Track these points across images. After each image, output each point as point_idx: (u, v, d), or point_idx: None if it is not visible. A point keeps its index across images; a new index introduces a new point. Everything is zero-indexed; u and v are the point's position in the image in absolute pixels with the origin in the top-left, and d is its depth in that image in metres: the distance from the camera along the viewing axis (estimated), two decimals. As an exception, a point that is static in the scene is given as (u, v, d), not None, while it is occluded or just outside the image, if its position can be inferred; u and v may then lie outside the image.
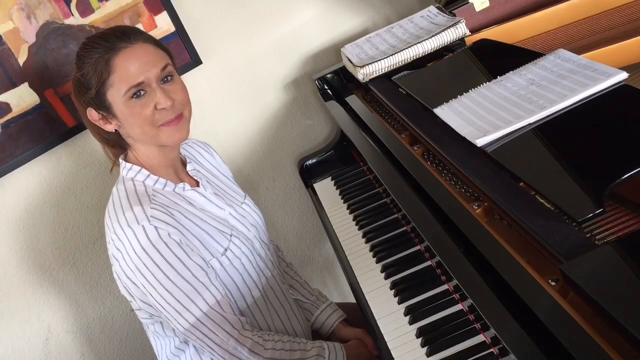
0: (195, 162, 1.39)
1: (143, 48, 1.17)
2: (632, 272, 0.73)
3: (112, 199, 1.22)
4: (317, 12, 1.87)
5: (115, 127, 1.22)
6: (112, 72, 1.15)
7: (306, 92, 1.94)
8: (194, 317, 1.16)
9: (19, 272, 1.72)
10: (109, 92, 1.17)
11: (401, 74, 1.54)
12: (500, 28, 1.55)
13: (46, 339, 1.79)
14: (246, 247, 1.29)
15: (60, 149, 1.68)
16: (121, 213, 1.16)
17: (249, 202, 1.42)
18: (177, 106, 1.19)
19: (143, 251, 1.13)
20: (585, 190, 0.87)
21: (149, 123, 1.17)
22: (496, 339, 0.98)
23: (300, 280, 1.53)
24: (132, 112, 1.17)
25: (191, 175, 1.33)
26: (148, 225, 1.13)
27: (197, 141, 1.48)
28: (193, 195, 1.27)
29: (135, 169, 1.23)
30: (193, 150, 1.44)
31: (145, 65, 1.16)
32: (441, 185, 1.13)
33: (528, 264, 0.86)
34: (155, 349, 1.36)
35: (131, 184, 1.22)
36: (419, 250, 1.29)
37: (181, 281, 1.14)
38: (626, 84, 1.03)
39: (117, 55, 1.15)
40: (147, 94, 1.17)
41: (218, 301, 1.17)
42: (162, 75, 1.19)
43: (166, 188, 1.23)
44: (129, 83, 1.15)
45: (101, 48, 1.15)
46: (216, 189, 1.36)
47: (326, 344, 1.30)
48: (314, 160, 1.87)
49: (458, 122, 1.15)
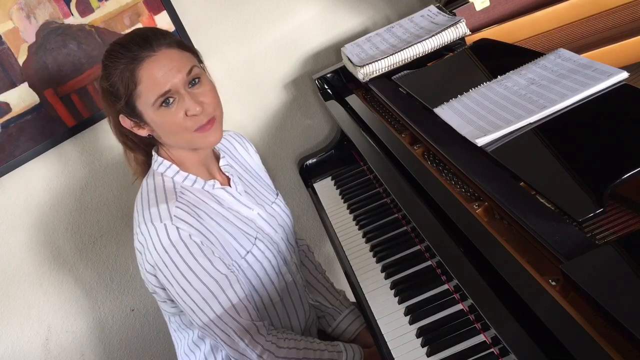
0: (229, 157, 1.37)
1: (167, 55, 1.14)
2: (632, 272, 0.73)
3: (141, 191, 1.22)
4: (317, 12, 1.87)
5: (148, 132, 1.21)
6: (138, 83, 1.13)
7: (306, 92, 1.94)
8: (208, 318, 1.17)
9: (19, 272, 1.72)
10: (137, 102, 1.15)
11: (401, 73, 1.53)
12: (501, 27, 1.55)
13: (46, 339, 1.79)
14: (270, 251, 1.28)
15: (60, 149, 1.68)
16: (147, 208, 1.16)
17: (280, 202, 1.41)
18: (207, 110, 1.17)
19: (163, 250, 1.13)
20: (586, 190, 0.87)
21: (181, 129, 1.16)
22: (496, 339, 0.98)
23: (327, 284, 1.52)
24: (164, 121, 1.15)
25: (223, 171, 1.31)
26: (170, 224, 1.13)
27: (233, 133, 1.46)
28: (222, 194, 1.26)
29: (166, 164, 1.22)
30: (228, 144, 1.42)
31: (170, 72, 1.13)
32: (441, 185, 1.13)
33: (528, 264, 0.86)
34: (175, 342, 1.38)
35: (160, 179, 1.22)
36: (419, 250, 1.29)
37: (198, 283, 1.14)
38: (626, 83, 1.03)
39: (141, 66, 1.12)
40: (176, 101, 1.15)
41: (234, 305, 1.17)
42: (189, 79, 1.16)
43: (195, 185, 1.23)
44: (156, 93, 1.13)
45: (125, 58, 1.13)
46: (247, 187, 1.35)
47: (343, 345, 1.30)
48: (314, 160, 1.87)
49: (458, 121, 1.15)
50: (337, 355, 1.27)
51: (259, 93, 1.89)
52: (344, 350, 1.28)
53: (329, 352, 1.27)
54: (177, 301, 1.18)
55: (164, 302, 1.26)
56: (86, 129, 1.69)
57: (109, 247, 1.81)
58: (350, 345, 1.31)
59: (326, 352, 1.27)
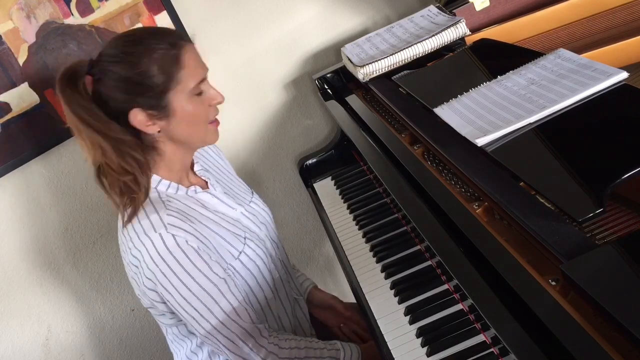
0: (202, 161, 1.38)
1: (193, 46, 1.18)
2: (632, 272, 0.73)
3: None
4: (317, 12, 1.87)
5: (159, 128, 1.15)
6: (181, 67, 1.12)
7: (306, 92, 1.94)
8: (210, 325, 1.16)
9: (19, 272, 1.72)
10: (174, 89, 1.12)
11: (401, 73, 1.54)
12: (501, 27, 1.55)
13: (46, 339, 1.79)
14: (260, 249, 1.29)
15: (60, 148, 1.68)
16: (137, 222, 1.13)
17: (256, 200, 1.42)
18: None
19: (161, 259, 1.11)
20: (586, 190, 0.87)
21: (204, 120, 1.19)
22: (496, 339, 0.98)
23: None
24: (195, 109, 1.16)
25: (199, 175, 1.31)
26: (165, 232, 1.11)
27: None
28: (205, 197, 1.26)
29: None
30: (201, 149, 1.42)
31: (201, 61, 1.18)
32: (441, 185, 1.13)
33: (528, 264, 0.86)
34: (173, 353, 1.38)
35: None
36: (419, 250, 1.29)
37: (199, 290, 1.13)
38: (626, 83, 1.03)
39: (184, 51, 1.13)
40: (204, 92, 1.17)
41: (235, 309, 1.17)
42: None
43: (179, 192, 1.22)
44: (198, 78, 1.14)
45: (163, 44, 1.11)
46: (225, 188, 1.35)
47: (341, 343, 1.31)
48: (314, 160, 1.87)
49: (458, 121, 1.15)
50: (336, 353, 1.28)
51: (259, 93, 1.90)
52: (341, 349, 1.29)
53: (328, 350, 1.28)
54: (178, 312, 1.16)
55: (162, 315, 1.24)
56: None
57: (109, 247, 1.81)
58: (348, 344, 1.32)
59: (325, 350, 1.28)
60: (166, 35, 1.15)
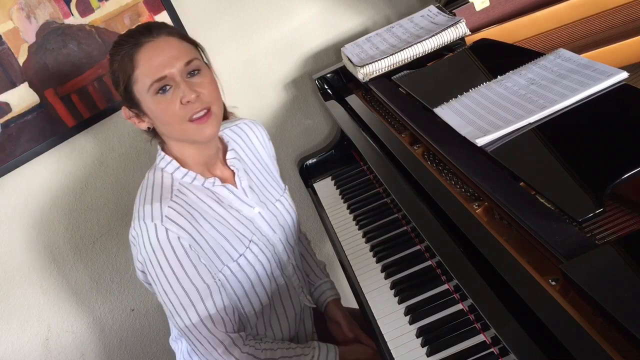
0: (239, 148, 1.35)
1: (166, 41, 1.14)
2: (632, 272, 0.73)
3: (142, 184, 1.22)
4: (317, 12, 1.87)
5: (148, 125, 1.21)
6: (135, 67, 1.13)
7: (306, 92, 1.94)
8: (183, 323, 1.17)
9: (19, 272, 1.72)
10: (135, 88, 1.15)
11: (401, 73, 1.54)
12: (501, 28, 1.55)
13: (46, 339, 1.79)
14: (264, 254, 1.27)
15: (60, 149, 1.68)
16: (142, 204, 1.16)
17: (285, 199, 1.39)
18: (203, 99, 1.14)
19: (151, 249, 1.14)
20: (586, 190, 0.87)
21: (177, 119, 1.14)
22: (496, 339, 0.98)
23: (311, 251, 1.55)
24: (159, 109, 1.14)
25: (229, 164, 1.29)
26: (160, 225, 1.13)
27: (248, 121, 1.42)
28: (222, 191, 1.25)
29: (167, 159, 1.21)
30: (241, 133, 1.38)
31: (168, 59, 1.13)
32: (441, 185, 1.13)
33: (528, 264, 0.86)
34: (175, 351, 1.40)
35: (160, 174, 1.21)
36: (419, 250, 1.29)
37: (178, 288, 1.15)
38: (626, 83, 1.03)
39: (139, 50, 1.13)
40: (172, 89, 1.14)
41: (211, 316, 1.17)
42: (188, 69, 1.15)
43: (195, 182, 1.22)
44: (152, 77, 1.12)
45: (127, 45, 1.14)
46: (253, 182, 1.33)
47: (318, 343, 1.30)
48: (314, 160, 1.87)
49: (458, 121, 1.15)
50: (311, 351, 1.27)
51: (259, 93, 1.90)
52: (317, 347, 1.28)
53: (302, 348, 1.28)
54: (159, 299, 1.18)
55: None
56: (86, 129, 1.69)
57: (109, 247, 1.81)
58: (326, 344, 1.31)
59: (298, 349, 1.27)
60: (138, 33, 1.15)
